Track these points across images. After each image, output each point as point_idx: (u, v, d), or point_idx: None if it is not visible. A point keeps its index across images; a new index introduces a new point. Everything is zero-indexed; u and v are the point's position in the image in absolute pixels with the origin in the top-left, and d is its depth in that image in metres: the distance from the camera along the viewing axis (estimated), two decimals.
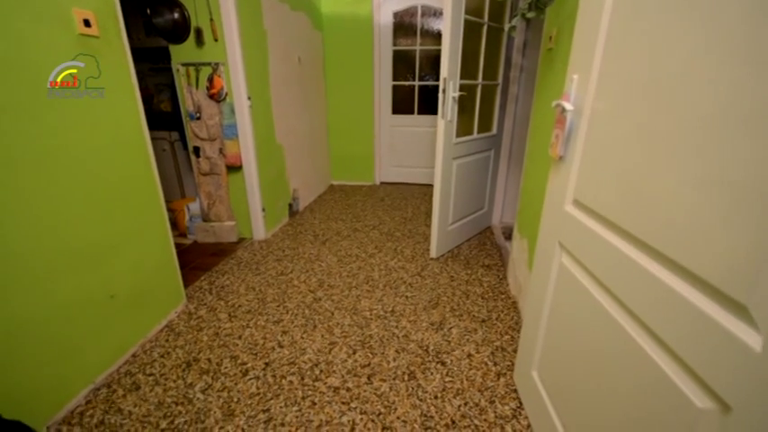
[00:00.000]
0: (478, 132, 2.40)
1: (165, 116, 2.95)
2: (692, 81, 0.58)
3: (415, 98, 3.84)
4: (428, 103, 3.84)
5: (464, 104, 2.22)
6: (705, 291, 0.56)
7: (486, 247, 2.57)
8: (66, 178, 1.26)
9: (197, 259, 2.42)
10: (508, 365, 1.49)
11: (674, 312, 0.60)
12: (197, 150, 2.46)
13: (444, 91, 1.97)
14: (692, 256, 0.58)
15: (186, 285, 1.98)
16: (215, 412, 1.30)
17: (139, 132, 1.56)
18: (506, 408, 1.30)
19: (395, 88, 3.84)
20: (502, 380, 1.43)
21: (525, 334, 1.28)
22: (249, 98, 2.38)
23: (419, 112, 3.88)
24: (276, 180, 2.87)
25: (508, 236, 2.67)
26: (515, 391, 1.37)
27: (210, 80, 2.29)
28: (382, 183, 4.20)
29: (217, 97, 2.32)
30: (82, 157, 1.32)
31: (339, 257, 2.42)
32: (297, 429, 1.23)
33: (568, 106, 0.95)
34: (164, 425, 1.25)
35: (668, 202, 0.62)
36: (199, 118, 2.37)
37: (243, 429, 1.23)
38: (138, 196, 1.58)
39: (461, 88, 2.08)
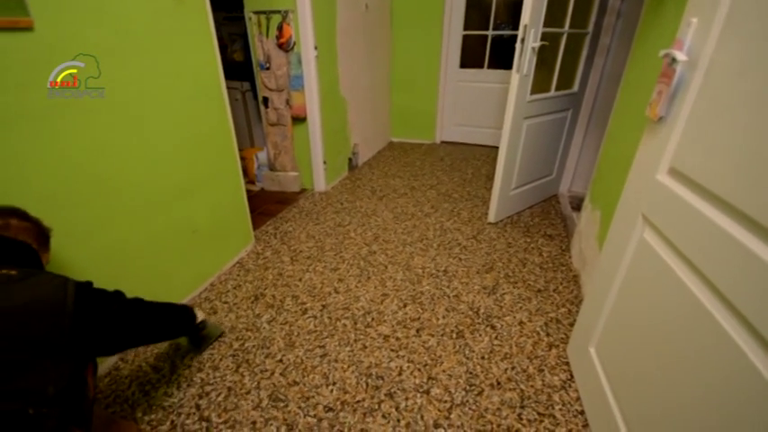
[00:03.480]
0: (557, 89, 2.17)
1: (237, 66, 3.06)
2: None
3: (487, 50, 3.53)
4: (500, 56, 3.53)
5: (544, 57, 1.99)
6: None
7: (550, 216, 2.42)
8: (156, 122, 1.39)
9: (263, 205, 2.60)
10: (562, 338, 1.45)
11: None
12: (266, 101, 2.55)
13: (523, 40, 1.78)
14: None
15: (254, 228, 2.15)
16: (278, 341, 1.45)
17: (217, 81, 1.64)
18: (555, 378, 1.29)
19: (465, 39, 3.56)
20: (553, 351, 1.39)
21: (587, 308, 1.22)
22: (316, 48, 2.36)
23: (489, 66, 3.58)
24: (338, 133, 2.90)
25: (576, 206, 2.48)
26: (567, 363, 1.34)
27: (280, 29, 2.30)
28: (443, 142, 4.06)
29: (285, 47, 2.33)
30: (168, 102, 1.42)
31: (395, 214, 2.45)
32: (348, 367, 1.34)
33: (681, 56, 0.81)
34: (236, 345, 1.43)
35: None
36: (268, 68, 2.42)
37: (302, 359, 1.37)
38: (215, 142, 1.70)
39: (543, 37, 1.86)
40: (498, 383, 1.27)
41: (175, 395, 1.24)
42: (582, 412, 1.17)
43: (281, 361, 1.36)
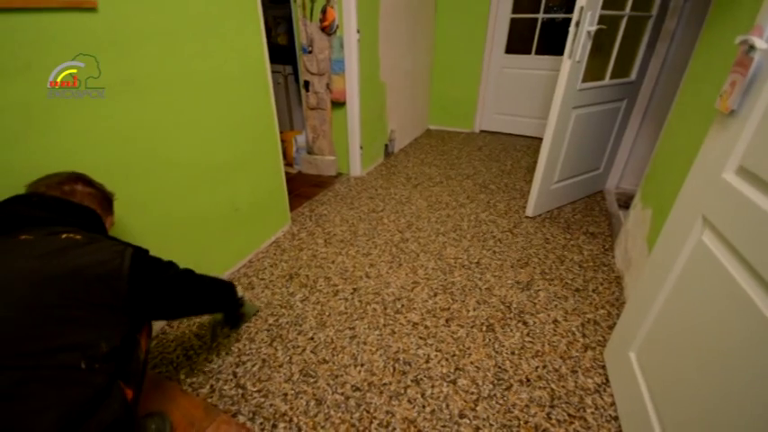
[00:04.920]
0: (611, 78, 2.02)
1: (281, 50, 3.11)
2: None
3: (536, 35, 3.35)
4: (550, 42, 3.33)
5: (600, 42, 1.86)
6: None
7: (594, 213, 2.30)
8: (204, 102, 1.45)
9: (300, 188, 2.66)
10: (599, 341, 1.39)
11: None
12: (307, 85, 2.58)
13: (578, 24, 1.67)
14: None
15: (291, 210, 2.21)
16: (310, 320, 1.50)
17: (263, 64, 1.68)
18: (589, 381, 1.24)
19: (513, 22, 3.39)
20: (589, 353, 1.34)
21: (630, 312, 1.16)
22: (358, 31, 2.35)
23: (537, 52, 3.40)
24: (376, 119, 2.89)
25: (623, 204, 2.34)
26: (603, 367, 1.29)
27: (324, 12, 2.30)
28: (482, 131, 3.94)
29: (328, 30, 2.33)
30: (216, 83, 1.48)
31: (429, 203, 2.42)
32: (377, 350, 1.36)
33: (761, 44, 0.73)
34: (271, 321, 1.50)
35: None
36: (311, 52, 2.44)
37: (332, 339, 1.41)
38: (258, 124, 1.75)
39: (601, 20, 1.73)
40: (528, 380, 1.24)
41: (215, 362, 1.33)
42: (616, 418, 1.12)
43: (312, 339, 1.41)
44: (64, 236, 0.78)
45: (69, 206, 0.88)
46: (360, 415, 1.14)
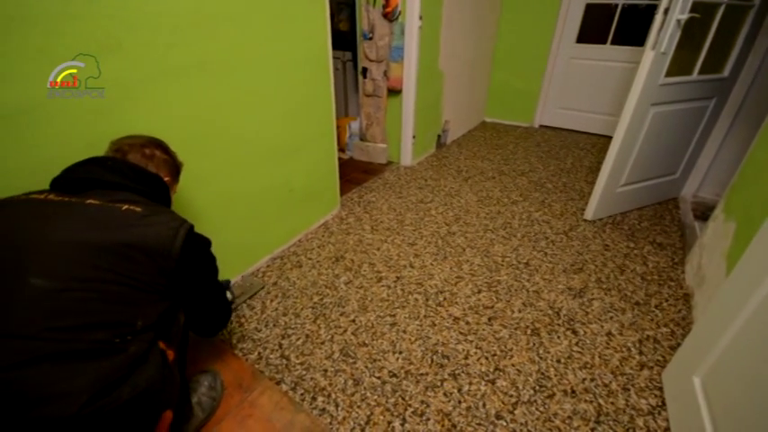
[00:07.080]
0: (700, 73, 1.81)
1: (342, 36, 3.15)
2: None
3: (614, 22, 3.07)
4: (629, 31, 3.04)
5: (691, 32, 1.66)
6: None
7: (664, 222, 2.10)
8: (270, 85, 1.51)
9: (351, 173, 2.71)
10: (658, 360, 1.28)
11: None
12: (365, 71, 2.60)
13: (667, 11, 1.50)
14: None
15: (341, 194, 2.26)
16: (353, 303, 1.54)
17: (325, 50, 1.71)
18: (643, 401, 1.15)
19: (588, 9, 3.13)
20: (645, 372, 1.24)
21: (699, 333, 1.05)
22: (421, 18, 2.31)
23: (614, 42, 3.12)
24: (430, 109, 2.84)
25: (700, 214, 2.10)
26: (660, 389, 1.19)
27: None
28: (541, 126, 3.72)
29: (390, 16, 2.32)
30: (282, 67, 1.53)
31: (479, 197, 2.36)
32: (416, 339, 1.37)
33: None
34: (315, 299, 1.56)
35: None
36: (371, 38, 2.44)
37: (372, 324, 1.44)
38: (317, 109, 1.80)
39: (694, 8, 1.54)
40: (573, 392, 1.18)
41: (263, 331, 1.41)
42: None
43: (353, 321, 1.45)
44: (125, 207, 0.78)
45: (142, 174, 0.88)
46: (395, 401, 1.16)
